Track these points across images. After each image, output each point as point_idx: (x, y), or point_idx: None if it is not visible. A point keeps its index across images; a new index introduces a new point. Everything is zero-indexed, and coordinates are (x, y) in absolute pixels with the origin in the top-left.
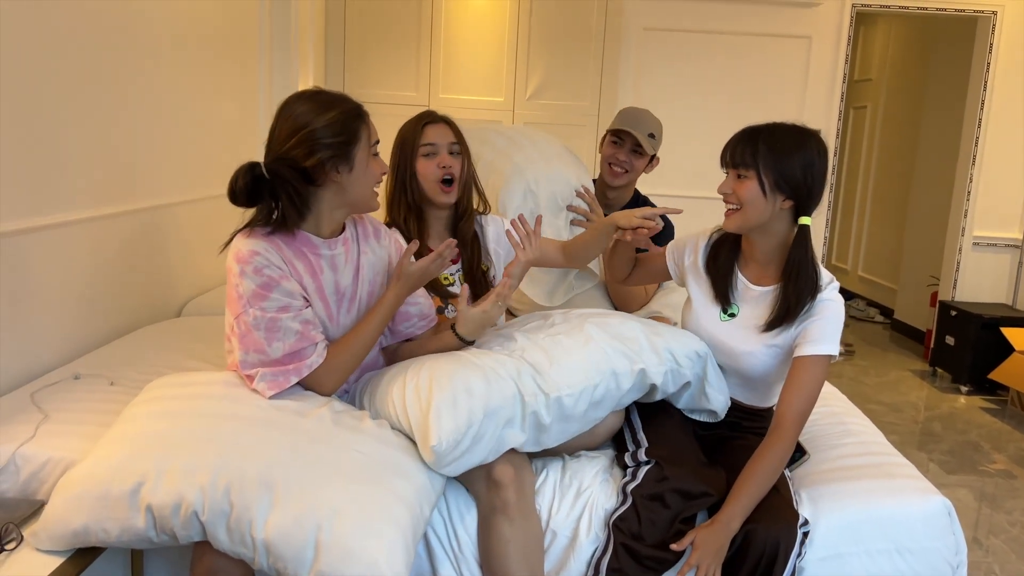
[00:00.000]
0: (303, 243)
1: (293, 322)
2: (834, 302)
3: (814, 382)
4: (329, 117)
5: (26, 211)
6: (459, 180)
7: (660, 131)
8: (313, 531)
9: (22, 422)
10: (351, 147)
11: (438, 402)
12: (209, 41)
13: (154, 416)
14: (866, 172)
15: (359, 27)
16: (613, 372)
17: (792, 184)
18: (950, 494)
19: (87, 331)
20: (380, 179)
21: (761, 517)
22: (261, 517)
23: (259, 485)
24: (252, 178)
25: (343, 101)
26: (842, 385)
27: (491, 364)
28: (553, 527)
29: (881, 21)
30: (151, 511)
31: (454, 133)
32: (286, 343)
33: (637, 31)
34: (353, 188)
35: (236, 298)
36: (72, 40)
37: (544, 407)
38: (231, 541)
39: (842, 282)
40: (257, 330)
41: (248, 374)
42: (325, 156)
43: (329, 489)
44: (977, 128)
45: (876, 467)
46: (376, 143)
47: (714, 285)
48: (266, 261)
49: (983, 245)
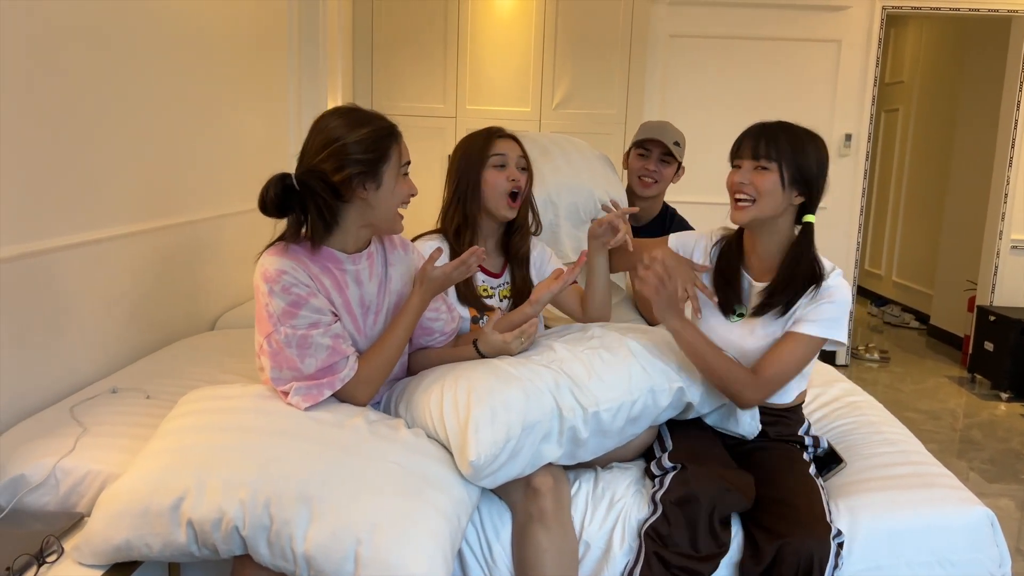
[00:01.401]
0: (328, 259)
1: (324, 338)
2: (840, 287)
3: (792, 357)
4: (361, 134)
5: (63, 229)
6: (523, 195)
7: (683, 140)
8: (353, 545)
9: (62, 435)
10: (380, 165)
11: (476, 416)
12: (238, 57)
13: (191, 430)
14: (899, 175)
15: (386, 41)
16: (651, 389)
17: (807, 179)
18: (992, 503)
19: (124, 345)
20: (407, 200)
21: (793, 531)
22: (301, 531)
23: (298, 499)
24: (282, 188)
25: (377, 119)
26: (878, 392)
27: (529, 376)
28: (586, 538)
29: (912, 22)
30: (192, 526)
31: (522, 148)
32: (318, 358)
33: (663, 38)
34: (379, 206)
35: (266, 317)
36: (106, 58)
37: (582, 421)
38: (272, 555)
39: (876, 287)
40: (289, 347)
41: (283, 390)
42: (354, 171)
43: (367, 502)
44: (1013, 130)
45: (916, 476)
46: (407, 164)
47: (723, 293)
48: (294, 280)
49: (1022, 248)
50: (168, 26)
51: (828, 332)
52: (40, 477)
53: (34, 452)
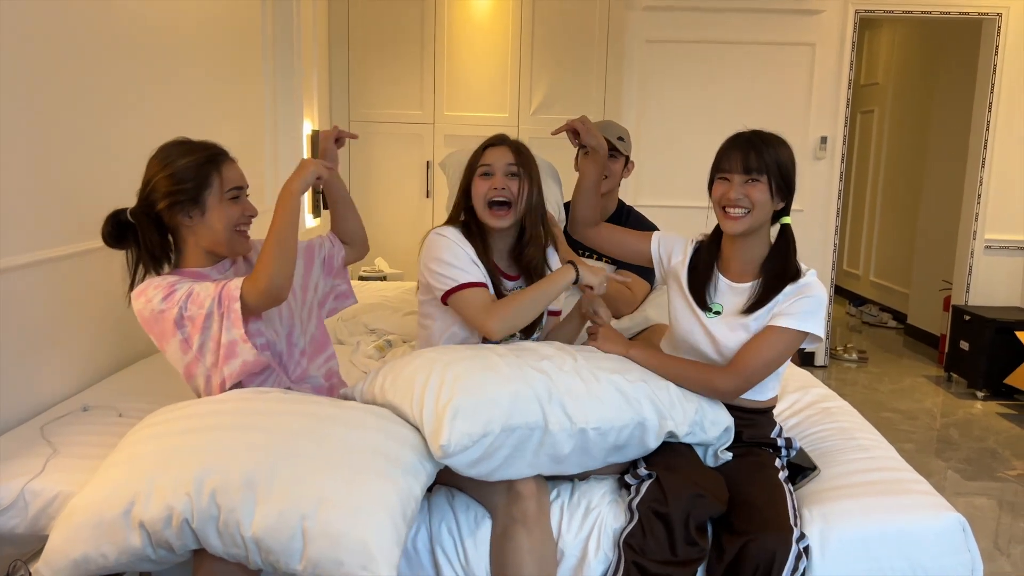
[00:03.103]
0: (193, 276)
1: (204, 285)
2: (815, 284)
3: (771, 350)
4: (180, 164)
5: (31, 245)
6: (516, 204)
7: (628, 135)
8: (299, 521)
9: (31, 456)
10: (201, 192)
11: (457, 404)
12: (215, 66)
13: (144, 440)
14: (875, 176)
15: (362, 49)
16: (642, 422)
17: (789, 186)
18: (970, 502)
19: (95, 361)
20: (243, 222)
21: (756, 529)
22: (248, 517)
23: (242, 486)
24: (115, 224)
25: (202, 149)
26: (856, 393)
27: (522, 380)
28: (561, 547)
29: (886, 25)
30: (144, 527)
31: (515, 156)
32: (210, 295)
33: (640, 43)
34: (208, 232)
35: (160, 317)
36: (79, 67)
37: (567, 435)
38: (223, 544)
39: (854, 287)
40: (189, 312)
41: (223, 346)
42: (173, 200)
43: (312, 480)
44: (986, 131)
45: (888, 483)
46: (236, 188)
47: (693, 289)
48: (160, 278)
49: (995, 248)
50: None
51: (804, 325)
52: (8, 500)
53: (2, 474)
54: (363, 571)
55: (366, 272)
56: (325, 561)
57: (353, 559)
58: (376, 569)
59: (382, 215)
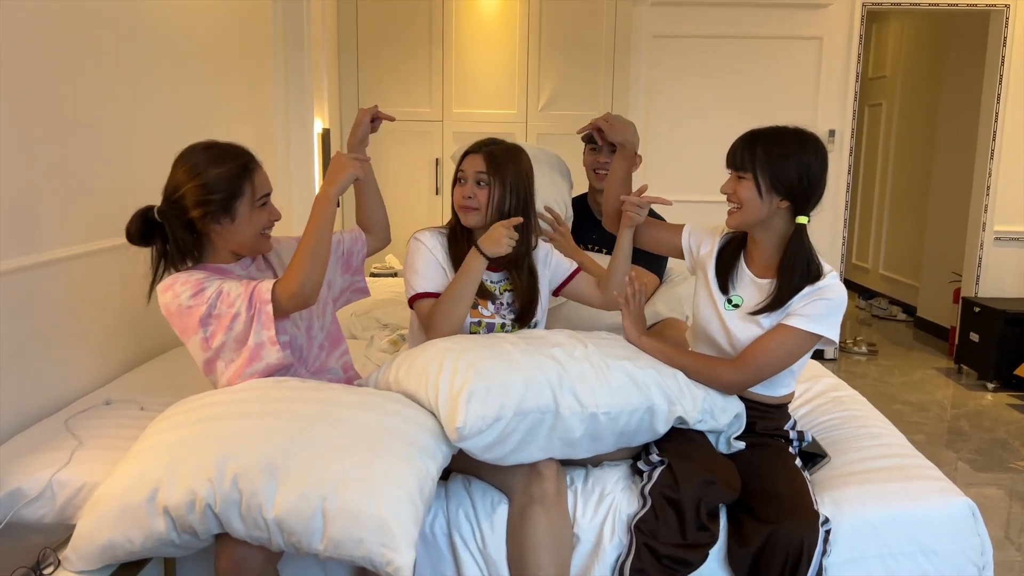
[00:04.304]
0: (216, 271)
1: (233, 284)
2: (834, 286)
3: (780, 349)
4: (214, 173)
5: (55, 242)
6: (485, 208)
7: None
8: (319, 502)
9: (57, 448)
10: (233, 201)
11: (471, 388)
12: (226, 66)
13: (166, 430)
14: (884, 169)
15: (371, 46)
16: (651, 407)
17: (787, 186)
18: (980, 493)
19: (117, 356)
20: (268, 226)
21: (782, 517)
22: (269, 499)
23: (264, 470)
24: (144, 222)
25: (233, 156)
26: (867, 385)
27: (534, 367)
28: (576, 532)
29: (893, 17)
30: (168, 513)
31: (485, 164)
32: (240, 296)
33: (647, 38)
34: (233, 236)
35: (187, 312)
36: (90, 73)
37: (579, 419)
38: (246, 527)
39: (863, 281)
40: (218, 311)
41: (249, 348)
42: (208, 209)
43: (330, 462)
44: (994, 122)
45: (898, 469)
46: (264, 196)
47: (717, 274)
48: (188, 274)
49: (1005, 240)
50: (148, 37)
51: (817, 327)
52: (36, 490)
53: (30, 465)
54: (383, 548)
55: (377, 269)
56: (345, 540)
57: (372, 537)
58: (395, 546)
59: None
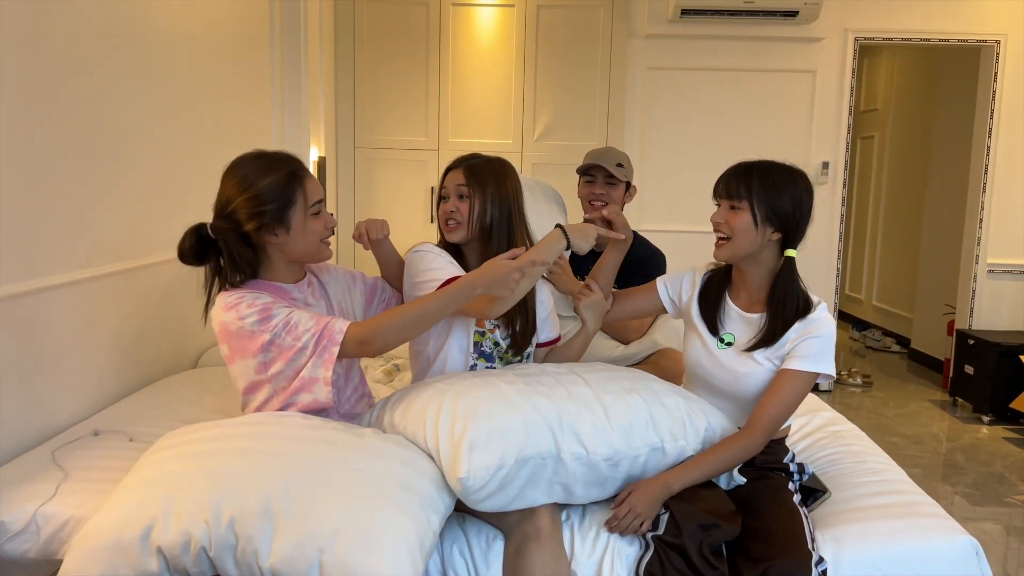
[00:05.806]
0: (275, 291)
1: (302, 316)
2: (824, 320)
3: (793, 395)
4: (264, 184)
5: (42, 270)
6: (467, 222)
7: (628, 161)
8: (316, 554)
9: (43, 480)
10: (286, 211)
11: (472, 435)
12: (221, 94)
13: (159, 463)
14: (876, 201)
15: (367, 77)
16: (657, 447)
17: (782, 217)
18: (977, 527)
19: (106, 385)
20: (325, 233)
21: (775, 555)
22: (265, 546)
23: (261, 514)
24: (198, 239)
25: (281, 165)
26: (861, 418)
27: (533, 408)
28: (575, 569)
29: (885, 51)
30: (162, 552)
31: (465, 177)
32: (310, 331)
33: (642, 70)
34: (291, 247)
35: (249, 336)
36: (85, 97)
37: (581, 465)
38: (240, 573)
39: (857, 312)
40: (282, 340)
41: (301, 379)
42: (262, 221)
43: (329, 510)
44: (986, 156)
45: (901, 506)
46: (317, 202)
47: (704, 316)
48: (254, 297)
49: (998, 272)
50: (142, 59)
51: (817, 366)
52: (21, 524)
53: (14, 498)
54: None
55: None
56: None
57: None
58: None
59: None
